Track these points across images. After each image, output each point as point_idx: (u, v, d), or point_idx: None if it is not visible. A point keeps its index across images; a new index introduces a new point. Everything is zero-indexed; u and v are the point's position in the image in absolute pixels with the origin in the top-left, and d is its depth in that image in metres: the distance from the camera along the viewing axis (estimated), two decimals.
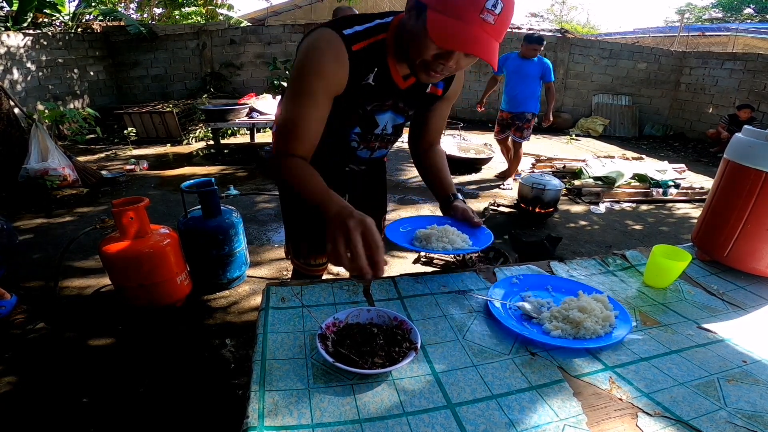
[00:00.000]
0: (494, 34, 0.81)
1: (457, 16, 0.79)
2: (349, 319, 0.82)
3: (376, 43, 0.95)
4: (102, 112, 6.45)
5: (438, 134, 1.29)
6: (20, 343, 2.00)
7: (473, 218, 1.13)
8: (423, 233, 1.08)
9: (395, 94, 1.06)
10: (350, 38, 0.91)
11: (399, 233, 1.12)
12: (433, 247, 1.02)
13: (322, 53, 0.90)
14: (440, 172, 1.24)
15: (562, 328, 0.82)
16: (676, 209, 4.26)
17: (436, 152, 1.27)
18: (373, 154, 1.24)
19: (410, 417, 0.63)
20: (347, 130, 1.11)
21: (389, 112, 1.11)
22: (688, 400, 0.68)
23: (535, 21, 24.15)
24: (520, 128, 4.32)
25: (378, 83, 1.00)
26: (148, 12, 10.64)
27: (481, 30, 0.79)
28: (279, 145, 0.99)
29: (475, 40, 0.80)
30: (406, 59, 0.93)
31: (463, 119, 7.80)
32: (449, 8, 0.79)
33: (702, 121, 8.14)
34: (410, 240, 1.09)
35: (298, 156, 0.97)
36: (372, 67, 0.97)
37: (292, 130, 0.96)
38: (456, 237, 1.05)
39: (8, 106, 3.88)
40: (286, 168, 0.96)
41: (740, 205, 1.08)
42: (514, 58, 4.18)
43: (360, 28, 0.94)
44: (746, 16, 15.63)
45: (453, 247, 1.02)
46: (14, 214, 3.45)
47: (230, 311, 2.31)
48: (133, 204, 2.02)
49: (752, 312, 0.96)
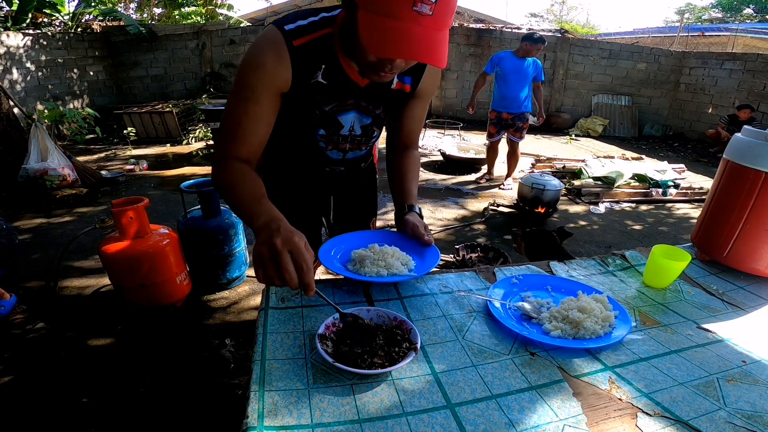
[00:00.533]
0: (435, 26, 0.73)
1: (388, 14, 0.71)
2: (348, 319, 0.82)
3: (322, 38, 0.90)
4: (102, 112, 6.44)
5: (413, 137, 1.20)
6: (20, 343, 2.00)
7: (423, 235, 1.03)
8: (358, 255, 0.98)
9: (355, 93, 1.00)
10: (291, 33, 0.87)
11: (336, 252, 1.03)
12: (365, 272, 0.93)
13: (260, 49, 0.87)
14: (404, 178, 1.15)
15: (562, 329, 0.82)
16: (675, 209, 4.27)
17: (408, 156, 1.18)
18: (346, 155, 1.17)
19: (410, 417, 0.63)
20: (311, 131, 1.06)
21: (352, 112, 1.04)
22: (687, 400, 0.68)
23: (535, 21, 24.19)
24: (520, 129, 4.29)
25: (331, 81, 0.95)
26: (147, 12, 10.64)
27: (416, 26, 0.71)
28: (218, 148, 0.93)
29: (411, 41, 0.72)
30: (353, 57, 0.89)
31: (463, 119, 7.81)
32: (378, 5, 0.72)
33: (701, 121, 8.14)
34: (346, 261, 1.01)
35: (239, 159, 0.90)
36: (318, 63, 0.92)
37: (232, 130, 0.91)
38: (395, 260, 0.96)
39: (8, 106, 3.88)
40: (221, 173, 0.89)
41: (740, 205, 1.08)
42: (509, 58, 4.09)
43: (304, 22, 0.89)
44: (746, 17, 15.64)
45: (389, 272, 0.93)
46: (14, 214, 3.45)
47: (230, 311, 2.31)
48: (132, 204, 2.02)
49: (752, 312, 0.96)
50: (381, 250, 0.98)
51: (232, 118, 0.91)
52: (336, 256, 1.02)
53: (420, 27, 0.71)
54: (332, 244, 1.06)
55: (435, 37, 0.74)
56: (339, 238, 1.09)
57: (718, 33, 10.94)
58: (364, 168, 1.36)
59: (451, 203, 4.11)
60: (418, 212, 1.10)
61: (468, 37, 8.53)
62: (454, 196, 4.32)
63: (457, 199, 4.25)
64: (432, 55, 0.74)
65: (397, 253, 0.99)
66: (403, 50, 0.73)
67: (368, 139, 1.16)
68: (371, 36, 0.73)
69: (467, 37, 8.53)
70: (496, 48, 8.47)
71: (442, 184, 4.69)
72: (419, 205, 1.12)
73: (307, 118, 1.02)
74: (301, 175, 1.23)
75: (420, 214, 1.11)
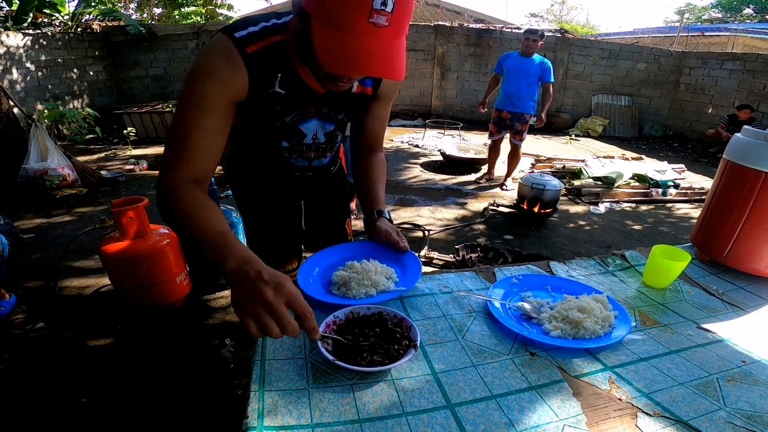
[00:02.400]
0: (392, 35, 0.70)
1: (343, 27, 0.68)
2: (349, 316, 0.82)
3: (275, 45, 0.85)
4: (101, 112, 6.44)
5: (377, 139, 1.16)
6: (20, 343, 2.00)
7: (399, 242, 1.00)
8: (341, 277, 0.93)
9: (315, 100, 0.96)
10: (242, 40, 0.81)
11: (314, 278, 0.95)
12: (353, 295, 0.88)
13: (211, 57, 0.80)
14: (372, 183, 1.11)
15: (562, 329, 0.82)
16: (675, 209, 4.27)
17: (373, 160, 1.15)
18: (312, 163, 1.15)
19: (410, 417, 0.63)
20: (274, 142, 1.03)
21: (314, 120, 1.01)
22: (687, 400, 0.68)
23: (535, 21, 24.20)
24: (519, 131, 4.27)
25: (289, 91, 0.90)
26: (147, 12, 10.64)
27: (373, 39, 0.68)
28: (165, 171, 0.80)
29: (368, 55, 0.69)
30: (309, 66, 0.84)
31: (463, 119, 7.81)
32: (333, 19, 0.68)
33: (701, 121, 8.14)
34: (328, 284, 0.95)
35: (190, 183, 0.79)
36: (274, 72, 0.87)
37: (182, 147, 0.80)
38: (379, 276, 0.92)
39: (8, 106, 3.88)
40: (173, 203, 0.77)
41: (740, 206, 1.08)
42: (514, 56, 4.12)
43: (255, 28, 0.83)
44: (746, 17, 15.64)
45: (377, 290, 0.90)
46: (14, 214, 3.45)
47: (230, 311, 2.31)
48: (132, 204, 2.02)
49: (751, 312, 0.96)
50: (362, 268, 0.93)
51: (182, 133, 0.80)
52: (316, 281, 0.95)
53: (377, 39, 0.69)
54: (308, 267, 0.98)
55: (393, 48, 0.71)
56: (312, 259, 1.02)
57: (718, 33, 10.94)
58: (333, 172, 1.33)
59: (451, 203, 4.11)
60: (388, 217, 1.07)
61: (468, 37, 8.53)
62: (454, 196, 4.32)
63: (457, 199, 4.25)
64: (390, 69, 0.71)
65: (379, 267, 0.95)
66: (361, 66, 0.70)
67: (332, 145, 1.14)
68: (327, 52, 0.69)
69: (467, 37, 8.53)
70: (496, 48, 8.48)
71: (442, 184, 4.69)
72: (388, 209, 1.10)
73: (268, 130, 0.99)
74: (269, 182, 1.20)
75: (390, 219, 1.08)
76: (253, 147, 1.10)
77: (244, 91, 0.84)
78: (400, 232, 1.04)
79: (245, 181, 1.24)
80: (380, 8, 0.66)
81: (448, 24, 8.78)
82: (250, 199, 1.27)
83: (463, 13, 12.10)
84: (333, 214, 1.42)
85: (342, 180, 1.41)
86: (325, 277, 0.97)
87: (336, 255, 1.04)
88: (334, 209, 1.41)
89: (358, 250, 1.05)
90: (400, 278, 0.97)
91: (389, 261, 1.01)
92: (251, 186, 1.24)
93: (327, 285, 0.95)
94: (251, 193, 1.25)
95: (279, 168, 1.14)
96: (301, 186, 1.25)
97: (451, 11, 12.13)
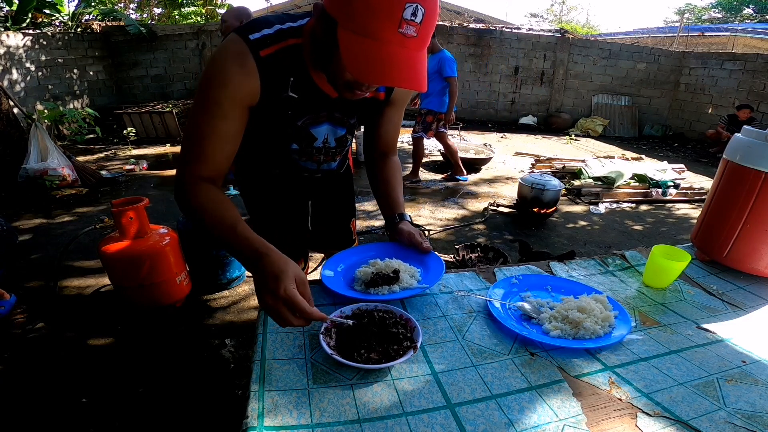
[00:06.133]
0: (417, 46, 0.70)
1: (372, 36, 0.67)
2: (356, 312, 0.82)
3: (289, 48, 0.84)
4: (101, 112, 6.44)
5: (391, 143, 1.16)
6: (20, 342, 2.00)
7: (422, 243, 1.01)
8: (364, 273, 0.95)
9: (327, 104, 0.95)
10: (257, 43, 0.81)
11: (337, 274, 0.98)
12: (377, 291, 0.90)
13: (225, 61, 0.81)
14: (389, 188, 1.12)
15: (562, 329, 0.82)
16: (675, 209, 4.27)
17: (389, 164, 1.16)
18: (321, 166, 1.15)
19: (410, 417, 0.63)
20: (284, 144, 1.03)
21: (325, 124, 1.01)
22: (687, 400, 0.68)
23: (535, 21, 24.19)
24: (419, 123, 4.33)
25: (302, 95, 0.90)
26: (147, 12, 10.65)
27: (401, 49, 0.68)
28: (182, 168, 0.84)
29: (397, 66, 0.68)
30: (326, 72, 0.83)
31: (463, 119, 7.81)
32: (362, 26, 0.67)
33: (701, 121, 8.14)
34: (351, 281, 0.97)
35: (205, 180, 0.83)
36: (287, 75, 0.86)
37: (197, 148, 0.83)
38: (404, 274, 0.94)
39: (8, 106, 3.88)
40: (190, 197, 0.82)
41: (739, 206, 1.08)
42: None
43: (269, 31, 0.82)
44: (746, 17, 15.65)
45: (400, 287, 0.91)
46: (14, 214, 3.45)
47: (230, 311, 2.31)
48: (132, 204, 2.02)
49: (751, 312, 0.96)
50: (386, 265, 0.96)
51: (198, 136, 0.83)
52: (340, 277, 0.98)
53: (405, 50, 0.68)
54: (331, 264, 1.01)
55: (418, 60, 0.71)
56: (336, 257, 1.05)
57: (718, 33, 10.95)
58: (342, 173, 1.33)
59: (451, 203, 4.11)
60: (410, 220, 1.10)
61: (468, 38, 8.53)
62: (454, 196, 4.32)
63: (457, 199, 4.25)
64: (415, 80, 0.71)
65: (403, 266, 0.97)
66: (390, 76, 0.69)
67: (342, 149, 1.14)
68: (356, 59, 0.68)
69: (467, 37, 8.53)
70: (496, 48, 8.49)
71: (442, 184, 4.69)
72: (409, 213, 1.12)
73: (278, 133, 0.99)
74: (278, 182, 1.21)
75: (412, 221, 1.10)
76: (262, 148, 1.11)
77: (256, 95, 0.85)
78: (423, 234, 1.04)
79: (254, 180, 1.24)
80: (410, 18, 0.65)
81: (448, 24, 8.78)
82: (258, 198, 1.27)
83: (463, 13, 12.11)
84: (339, 214, 1.42)
85: (349, 180, 1.41)
86: (350, 274, 1.00)
87: (360, 254, 1.06)
88: (340, 209, 1.41)
89: (382, 251, 1.07)
90: (423, 277, 0.97)
91: (412, 261, 1.01)
92: (259, 186, 1.24)
93: (350, 282, 0.97)
94: (259, 192, 1.26)
95: (288, 169, 1.15)
96: (309, 187, 1.25)
97: (451, 11, 12.14)
